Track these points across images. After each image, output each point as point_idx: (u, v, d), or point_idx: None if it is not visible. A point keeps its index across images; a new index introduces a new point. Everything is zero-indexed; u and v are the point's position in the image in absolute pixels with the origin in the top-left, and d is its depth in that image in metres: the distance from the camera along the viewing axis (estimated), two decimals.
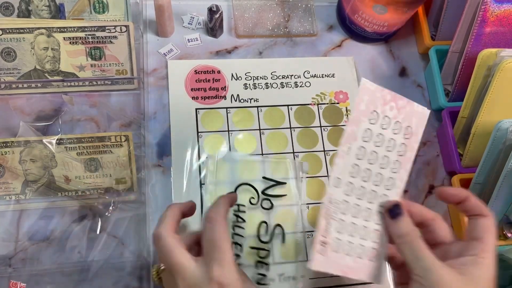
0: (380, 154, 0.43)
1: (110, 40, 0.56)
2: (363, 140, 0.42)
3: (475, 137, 0.55)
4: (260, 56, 0.63)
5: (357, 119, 0.42)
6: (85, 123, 0.56)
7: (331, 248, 0.41)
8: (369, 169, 0.43)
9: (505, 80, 0.51)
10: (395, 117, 0.43)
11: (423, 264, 0.38)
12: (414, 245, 0.39)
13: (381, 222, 0.43)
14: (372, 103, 0.42)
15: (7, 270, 0.50)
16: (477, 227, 0.41)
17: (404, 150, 0.44)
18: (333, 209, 0.41)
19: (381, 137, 0.43)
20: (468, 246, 0.40)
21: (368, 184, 0.43)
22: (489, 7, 0.52)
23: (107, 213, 0.52)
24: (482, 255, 0.39)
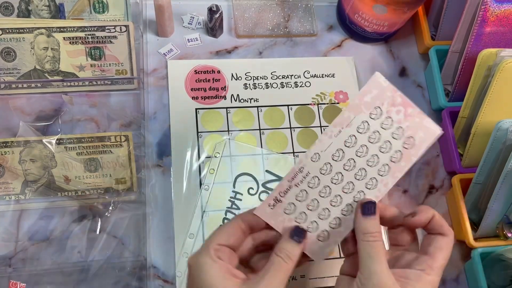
0: (371, 150, 0.42)
1: (110, 40, 0.56)
2: (357, 131, 0.42)
3: (475, 137, 0.55)
4: (260, 56, 0.63)
5: (358, 107, 0.41)
6: (85, 123, 0.56)
7: (282, 207, 0.42)
8: (354, 160, 0.42)
9: (505, 80, 0.51)
10: (399, 122, 0.42)
11: (373, 266, 0.38)
12: (373, 246, 0.39)
13: (346, 215, 0.42)
14: (379, 99, 0.41)
15: (7, 270, 0.50)
16: (432, 243, 0.41)
17: (398, 158, 0.42)
18: (301, 178, 0.42)
19: (377, 135, 0.42)
20: (418, 260, 0.41)
21: (348, 174, 0.42)
22: (489, 7, 0.52)
23: (107, 213, 0.52)
24: (428, 271, 0.39)
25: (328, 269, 0.53)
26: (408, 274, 0.39)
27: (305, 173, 0.42)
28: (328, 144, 0.41)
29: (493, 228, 0.54)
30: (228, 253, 0.40)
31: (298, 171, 0.42)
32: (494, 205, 0.51)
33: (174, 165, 0.55)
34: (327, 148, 0.42)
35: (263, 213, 0.42)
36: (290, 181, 0.42)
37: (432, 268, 0.39)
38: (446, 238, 0.41)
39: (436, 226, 0.41)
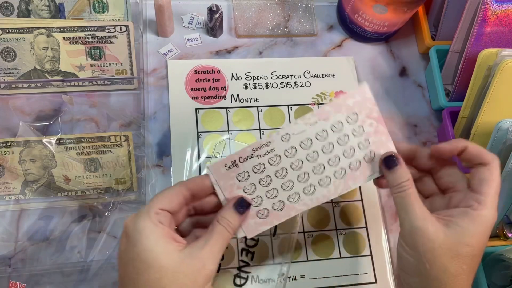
0: (335, 151, 0.43)
1: (110, 40, 0.56)
2: (331, 128, 0.43)
3: (476, 137, 0.55)
4: (260, 56, 0.63)
5: (339, 107, 0.43)
6: (85, 123, 0.56)
7: (236, 172, 0.43)
8: (317, 154, 0.43)
9: (505, 80, 0.51)
10: (368, 135, 0.43)
11: (409, 216, 0.38)
12: (405, 196, 0.39)
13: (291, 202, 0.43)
14: (359, 107, 0.43)
15: (7, 270, 0.50)
16: (476, 176, 0.40)
17: (356, 167, 0.43)
18: (264, 152, 0.43)
19: (346, 139, 0.43)
20: (466, 197, 0.40)
21: (307, 165, 0.43)
22: (489, 7, 0.52)
23: (106, 213, 0.52)
24: (475, 206, 0.38)
25: (328, 269, 0.53)
26: (452, 213, 0.39)
27: (270, 149, 0.43)
28: (301, 130, 0.43)
29: (493, 228, 0.53)
30: (168, 218, 0.39)
31: (265, 144, 0.43)
32: None
33: (174, 165, 0.55)
34: (299, 133, 0.43)
35: (216, 171, 0.42)
36: (254, 150, 0.43)
37: (480, 202, 0.38)
38: (488, 167, 0.39)
39: (473, 156, 0.40)
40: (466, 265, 0.38)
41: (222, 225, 0.40)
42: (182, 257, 0.37)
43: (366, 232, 0.56)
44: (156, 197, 0.39)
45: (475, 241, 0.38)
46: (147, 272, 0.36)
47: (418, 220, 0.38)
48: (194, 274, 0.37)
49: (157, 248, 0.36)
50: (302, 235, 0.55)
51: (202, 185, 0.42)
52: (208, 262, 0.38)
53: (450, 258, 0.37)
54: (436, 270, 0.37)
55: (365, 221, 0.56)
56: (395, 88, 0.64)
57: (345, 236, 0.55)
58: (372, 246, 0.55)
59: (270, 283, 0.52)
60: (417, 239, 0.38)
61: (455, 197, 0.41)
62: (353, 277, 0.53)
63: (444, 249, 0.37)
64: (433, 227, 0.38)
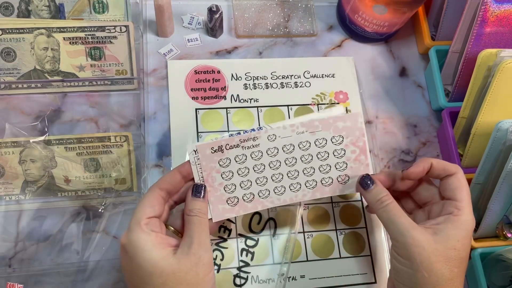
0: (313, 163, 0.47)
1: (110, 40, 0.56)
2: (315, 142, 0.46)
3: (475, 138, 0.55)
4: (260, 56, 0.63)
5: (328, 125, 0.46)
6: (85, 123, 0.56)
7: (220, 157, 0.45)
8: (296, 161, 0.46)
9: (505, 80, 0.51)
10: (347, 159, 0.47)
11: (397, 227, 0.41)
12: (389, 210, 0.42)
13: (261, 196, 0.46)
14: (347, 131, 0.46)
15: (7, 270, 0.50)
16: (448, 186, 0.43)
17: (328, 183, 0.47)
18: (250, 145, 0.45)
19: (326, 155, 0.46)
20: (445, 205, 0.43)
21: (284, 168, 0.46)
22: (489, 7, 0.52)
23: (107, 213, 0.52)
24: (455, 212, 0.41)
25: (328, 268, 0.53)
26: (437, 221, 0.41)
27: (256, 143, 0.45)
28: (287, 135, 0.45)
29: (493, 228, 0.54)
30: (157, 223, 0.42)
31: (252, 138, 0.45)
32: (493, 206, 0.51)
33: (174, 165, 0.55)
34: (285, 137, 0.45)
35: (202, 151, 0.44)
36: (241, 141, 0.45)
37: (458, 208, 0.41)
38: (455, 176, 0.43)
39: (440, 170, 0.43)
40: (456, 268, 0.40)
41: (193, 215, 0.42)
42: (178, 258, 0.39)
43: (366, 232, 0.56)
44: (139, 209, 0.41)
45: (460, 245, 0.40)
46: (151, 279, 0.38)
47: (409, 230, 0.40)
48: (193, 269, 0.39)
49: (155, 256, 0.39)
50: (302, 235, 0.55)
51: (174, 181, 0.44)
52: (202, 253, 0.40)
53: (443, 263, 0.39)
54: (434, 277, 0.39)
55: (365, 221, 0.56)
56: (395, 88, 0.64)
57: (345, 236, 0.55)
58: (372, 246, 0.55)
59: (270, 283, 0.52)
60: (412, 249, 0.40)
61: (434, 208, 0.45)
62: (353, 277, 0.53)
63: (437, 255, 0.39)
64: (423, 236, 0.40)
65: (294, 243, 0.54)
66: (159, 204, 0.42)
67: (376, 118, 0.62)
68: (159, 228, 0.42)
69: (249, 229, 0.54)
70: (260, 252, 0.53)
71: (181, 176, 0.44)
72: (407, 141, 0.62)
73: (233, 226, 0.53)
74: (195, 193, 0.44)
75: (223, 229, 0.53)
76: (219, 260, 0.52)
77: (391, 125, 0.62)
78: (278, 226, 0.54)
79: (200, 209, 0.43)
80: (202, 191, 0.44)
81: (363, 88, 0.63)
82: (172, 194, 0.44)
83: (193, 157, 0.45)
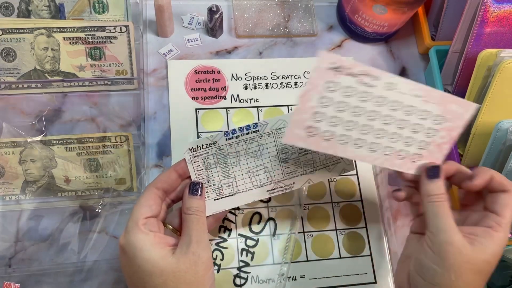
0: (404, 131, 0.42)
1: (110, 40, 0.56)
2: (420, 111, 0.42)
3: (475, 138, 0.55)
4: (260, 56, 0.63)
5: (442, 104, 0.42)
6: (85, 123, 0.56)
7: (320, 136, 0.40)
8: (392, 120, 0.42)
9: (505, 80, 0.51)
10: (433, 141, 0.44)
11: (441, 224, 0.40)
12: (439, 206, 0.41)
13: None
14: (451, 115, 0.43)
15: (7, 270, 0.50)
16: (497, 201, 0.42)
17: (402, 157, 0.44)
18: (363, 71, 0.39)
19: (419, 129, 0.43)
20: (485, 217, 0.42)
21: (377, 122, 0.41)
22: (489, 7, 0.52)
23: (107, 213, 0.52)
24: (496, 228, 0.41)
25: (328, 268, 0.53)
26: (475, 231, 0.41)
27: (372, 84, 0.40)
28: (405, 92, 0.41)
29: None
30: (155, 222, 0.42)
31: (374, 76, 0.39)
32: None
33: None
34: (401, 93, 0.40)
35: (322, 63, 0.38)
36: (362, 73, 0.39)
37: (500, 224, 0.41)
38: (509, 193, 0.42)
39: (497, 184, 0.43)
40: (483, 281, 0.40)
41: (190, 214, 0.42)
42: (177, 257, 0.39)
43: (366, 232, 0.56)
44: (136, 209, 0.41)
45: (494, 260, 0.40)
46: (151, 279, 0.38)
47: (451, 233, 0.40)
48: (192, 268, 0.39)
49: (154, 256, 0.39)
50: (302, 235, 0.55)
51: (170, 180, 0.44)
52: (200, 251, 0.40)
53: (474, 273, 0.39)
54: (461, 283, 0.39)
55: (365, 221, 0.56)
56: None
57: (345, 236, 0.55)
58: (372, 246, 0.55)
59: (270, 283, 0.52)
60: (448, 250, 0.39)
61: (472, 216, 0.44)
62: (353, 277, 0.53)
63: (471, 265, 0.39)
64: (462, 242, 0.40)
65: (294, 243, 0.54)
66: (156, 204, 0.42)
67: None
68: (157, 228, 0.42)
69: (249, 229, 0.54)
70: (260, 252, 0.53)
71: (177, 174, 0.44)
72: None
73: (233, 226, 0.54)
74: (192, 191, 0.44)
75: (223, 229, 0.53)
76: (219, 260, 0.52)
77: None
78: (278, 226, 0.54)
79: (197, 207, 0.43)
80: (199, 188, 0.44)
81: None
82: (169, 193, 0.44)
83: (189, 155, 0.45)
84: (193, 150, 0.45)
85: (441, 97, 0.42)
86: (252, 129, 0.45)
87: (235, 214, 0.54)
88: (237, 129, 0.45)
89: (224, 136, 0.45)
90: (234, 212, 0.54)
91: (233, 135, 0.45)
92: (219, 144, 0.45)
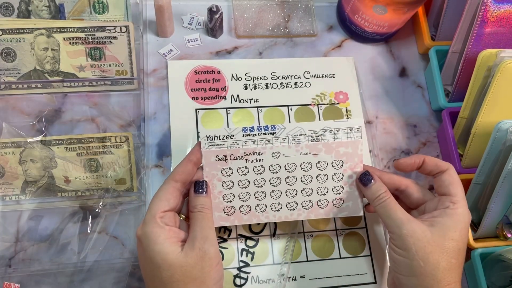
0: (312, 184, 0.48)
1: (110, 41, 0.56)
2: (316, 164, 0.47)
3: (475, 138, 0.55)
4: (260, 56, 0.63)
5: (330, 149, 0.47)
6: (85, 123, 0.56)
7: (223, 166, 0.46)
8: (295, 180, 0.48)
9: (505, 80, 0.51)
10: (344, 184, 0.48)
11: (394, 220, 0.43)
12: (386, 205, 0.44)
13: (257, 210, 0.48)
14: (347, 157, 0.47)
15: (7, 270, 0.50)
16: (442, 182, 0.45)
17: (323, 206, 0.48)
18: (253, 158, 0.46)
19: (325, 179, 0.48)
20: (440, 201, 0.44)
21: (283, 185, 0.47)
22: (489, 8, 0.52)
23: (107, 213, 0.52)
24: (452, 206, 0.43)
25: (328, 269, 0.53)
26: (434, 214, 0.43)
27: (260, 158, 0.46)
28: (292, 154, 0.47)
29: (493, 228, 0.54)
30: (172, 216, 0.43)
31: (257, 152, 0.46)
32: (493, 206, 0.51)
33: (174, 166, 0.55)
34: (289, 156, 0.47)
35: (206, 157, 0.46)
36: (246, 154, 0.46)
37: (454, 202, 0.43)
38: (447, 172, 0.45)
39: (432, 166, 0.45)
40: (454, 258, 0.41)
41: (196, 211, 0.43)
42: (185, 252, 0.41)
43: (365, 232, 0.56)
44: (155, 201, 0.42)
45: (458, 235, 0.42)
46: (160, 271, 0.40)
47: (405, 223, 0.42)
48: (199, 263, 0.40)
49: (165, 250, 0.40)
50: (302, 235, 0.55)
51: (187, 171, 0.44)
52: (207, 247, 0.41)
53: (440, 253, 0.41)
54: (430, 266, 0.41)
55: (365, 221, 0.56)
56: (395, 89, 0.64)
57: (345, 237, 0.55)
58: (371, 247, 0.55)
59: (270, 283, 0.52)
60: (408, 240, 0.41)
61: (428, 205, 0.46)
62: (353, 278, 0.53)
63: (433, 246, 0.41)
64: (419, 227, 0.42)
65: (294, 243, 0.54)
66: (174, 197, 0.43)
67: (376, 118, 0.62)
68: (174, 222, 0.43)
69: (249, 229, 0.54)
70: (260, 252, 0.53)
71: (192, 164, 0.45)
72: (407, 141, 0.62)
73: (233, 227, 0.54)
74: (197, 190, 0.45)
75: (223, 229, 0.53)
76: None
77: (391, 125, 0.62)
78: (278, 226, 0.54)
79: (202, 205, 0.44)
80: (204, 187, 0.45)
81: (363, 88, 0.63)
82: (186, 183, 0.45)
83: (205, 142, 0.45)
84: (210, 138, 0.45)
85: (326, 147, 0.47)
86: (270, 130, 0.46)
87: None
88: (255, 127, 0.46)
89: (242, 131, 0.46)
90: None
91: (251, 132, 0.46)
92: (235, 138, 0.46)
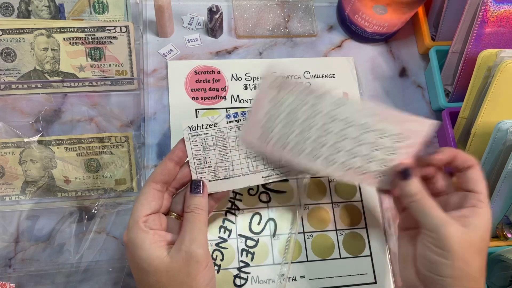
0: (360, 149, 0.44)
1: (110, 41, 0.56)
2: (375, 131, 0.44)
3: (475, 138, 0.55)
4: (260, 56, 0.63)
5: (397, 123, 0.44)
6: (85, 123, 0.56)
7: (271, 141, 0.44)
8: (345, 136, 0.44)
9: (505, 80, 0.51)
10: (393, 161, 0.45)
11: (433, 220, 0.41)
12: (423, 203, 0.42)
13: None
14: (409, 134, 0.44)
15: (7, 270, 0.50)
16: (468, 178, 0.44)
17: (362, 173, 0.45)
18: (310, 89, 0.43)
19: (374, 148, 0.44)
20: (466, 198, 0.43)
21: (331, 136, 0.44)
22: (489, 8, 0.52)
23: (107, 214, 0.52)
24: (480, 205, 0.42)
25: (328, 269, 0.53)
26: (464, 213, 0.42)
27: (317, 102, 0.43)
28: (357, 109, 0.43)
29: (493, 228, 0.54)
30: (157, 218, 0.42)
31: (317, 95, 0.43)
32: (493, 206, 0.51)
33: None
34: (353, 110, 0.43)
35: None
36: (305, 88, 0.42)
37: (481, 200, 0.42)
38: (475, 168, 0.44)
39: (462, 161, 0.44)
40: (484, 259, 0.42)
41: (189, 212, 0.42)
42: (171, 256, 0.40)
43: (366, 232, 0.56)
44: (136, 206, 0.42)
45: (487, 235, 0.42)
46: (147, 276, 0.39)
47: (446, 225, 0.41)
48: (185, 267, 0.39)
49: (150, 255, 0.39)
50: (302, 235, 0.55)
51: (167, 171, 0.43)
52: (194, 249, 0.39)
53: (477, 254, 0.41)
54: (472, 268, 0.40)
55: (365, 221, 0.56)
56: (395, 89, 0.64)
57: (345, 237, 0.55)
58: (372, 247, 0.55)
59: (270, 283, 0.52)
60: (450, 242, 0.40)
61: (452, 199, 0.45)
62: (353, 278, 0.53)
63: (472, 247, 0.40)
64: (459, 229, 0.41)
65: (294, 244, 0.54)
66: (156, 200, 0.42)
67: None
68: (159, 224, 0.42)
69: (249, 229, 0.54)
70: (260, 252, 0.53)
71: (173, 163, 0.44)
72: None
73: (233, 227, 0.54)
74: (194, 190, 0.44)
75: (223, 229, 0.53)
76: (219, 261, 0.52)
77: None
78: (278, 227, 0.54)
79: (196, 205, 0.43)
80: (200, 186, 0.44)
81: (363, 88, 0.63)
82: (169, 183, 0.44)
83: (188, 133, 0.44)
84: (192, 128, 0.44)
85: (397, 117, 0.44)
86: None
87: (235, 214, 0.54)
88: (239, 113, 0.45)
89: (225, 118, 0.44)
90: (234, 213, 0.54)
91: (235, 118, 0.45)
92: (219, 126, 0.45)
